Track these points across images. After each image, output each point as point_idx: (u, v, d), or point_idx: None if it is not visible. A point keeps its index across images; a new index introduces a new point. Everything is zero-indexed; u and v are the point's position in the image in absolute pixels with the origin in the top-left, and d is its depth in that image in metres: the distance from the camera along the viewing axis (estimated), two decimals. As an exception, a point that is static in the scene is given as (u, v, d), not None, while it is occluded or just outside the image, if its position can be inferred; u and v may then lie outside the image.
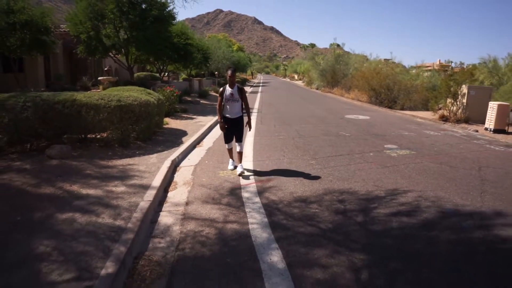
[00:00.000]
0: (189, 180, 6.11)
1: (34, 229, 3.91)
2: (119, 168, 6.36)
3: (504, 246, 3.79)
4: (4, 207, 4.56)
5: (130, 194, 5.03)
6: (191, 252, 3.63)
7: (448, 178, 6.19)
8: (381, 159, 7.47)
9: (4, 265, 3.20)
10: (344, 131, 11.22)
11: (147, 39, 16.28)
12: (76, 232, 3.85)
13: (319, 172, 6.45)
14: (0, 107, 7.24)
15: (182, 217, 4.54)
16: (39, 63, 19.48)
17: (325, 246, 3.69)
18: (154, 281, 3.16)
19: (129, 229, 3.90)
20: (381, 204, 4.86)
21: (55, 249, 3.49)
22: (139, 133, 8.46)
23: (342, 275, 3.17)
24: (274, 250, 3.60)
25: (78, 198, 4.84)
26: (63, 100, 7.50)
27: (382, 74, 22.65)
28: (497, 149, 9.16)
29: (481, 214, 4.61)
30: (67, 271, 3.11)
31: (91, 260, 3.29)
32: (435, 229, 4.15)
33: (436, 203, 4.92)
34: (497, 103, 12.46)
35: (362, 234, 3.99)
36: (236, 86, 6.44)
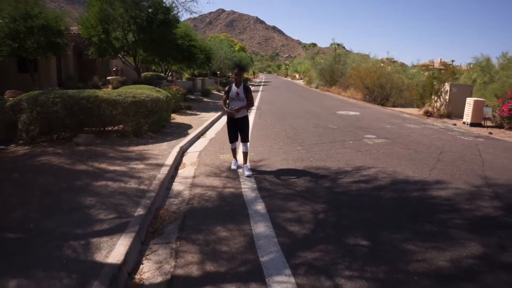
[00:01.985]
0: (195, 161, 7.41)
1: (78, 191, 5.20)
2: (137, 152, 7.66)
3: (432, 201, 5.06)
4: (51, 178, 5.85)
5: (148, 169, 6.32)
6: (198, 205, 4.93)
7: (409, 159, 7.47)
8: (358, 146, 8.74)
9: (62, 211, 4.48)
10: (333, 124, 12.50)
11: (154, 41, 17.57)
12: (111, 193, 5.15)
13: (303, 155, 7.73)
14: (33, 103, 8.56)
15: (190, 185, 5.83)
16: (52, 63, 20.80)
17: (296, 200, 4.99)
18: (172, 222, 4.45)
19: (151, 190, 5.19)
20: (346, 176, 6.16)
21: (98, 202, 4.78)
22: (151, 125, 9.74)
23: (305, 216, 4.46)
24: (259, 203, 4.90)
25: (108, 172, 6.14)
26: (87, 96, 8.81)
27: (375, 73, 23.86)
28: (466, 139, 10.40)
29: (424, 182, 5.89)
30: (110, 214, 4.39)
31: (126, 208, 4.57)
32: (383, 190, 5.44)
33: (391, 175, 6.21)
34: (473, 99, 13.69)
35: (326, 193, 5.30)
36: (242, 86, 6.41)
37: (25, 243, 3.63)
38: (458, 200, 5.05)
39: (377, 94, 22.67)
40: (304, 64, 66.72)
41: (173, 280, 3.15)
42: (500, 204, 4.92)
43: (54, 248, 3.52)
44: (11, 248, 3.53)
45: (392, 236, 3.90)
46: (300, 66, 77.62)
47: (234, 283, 3.06)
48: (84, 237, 3.75)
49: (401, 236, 3.89)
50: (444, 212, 4.61)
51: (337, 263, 3.35)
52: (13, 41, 15.55)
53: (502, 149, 8.91)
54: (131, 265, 3.41)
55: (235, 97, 6.37)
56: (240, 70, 6.39)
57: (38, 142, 8.52)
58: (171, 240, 3.93)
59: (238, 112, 6.37)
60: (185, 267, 3.35)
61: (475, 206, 4.84)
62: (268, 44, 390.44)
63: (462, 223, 4.26)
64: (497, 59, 23.07)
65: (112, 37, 18.05)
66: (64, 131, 9.02)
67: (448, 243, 3.73)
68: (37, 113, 8.45)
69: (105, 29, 17.57)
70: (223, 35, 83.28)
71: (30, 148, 8.02)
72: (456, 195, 5.27)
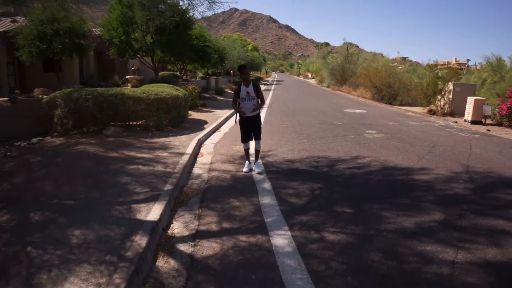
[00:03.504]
0: (212, 151, 8.39)
1: (114, 173, 6.21)
2: (160, 143, 8.67)
3: (412, 182, 5.95)
4: (89, 162, 6.89)
5: (171, 157, 7.32)
6: (215, 184, 5.90)
7: (403, 151, 8.32)
8: (358, 139, 9.62)
9: (104, 187, 5.48)
10: (338, 121, 13.36)
11: (171, 42, 18.64)
12: (143, 174, 6.14)
13: (307, 146, 8.65)
14: (67, 99, 9.64)
15: (208, 169, 6.82)
16: (75, 63, 22.05)
17: (297, 181, 5.94)
18: (194, 196, 5.42)
19: (176, 172, 6.18)
20: (343, 163, 7.08)
21: (132, 181, 5.78)
22: (171, 120, 10.75)
23: (303, 192, 5.40)
24: (266, 183, 5.86)
25: (137, 158, 7.15)
26: (115, 93, 9.86)
27: (384, 72, 24.55)
28: (462, 135, 11.17)
29: (410, 168, 6.76)
30: (143, 188, 5.38)
31: (156, 184, 5.56)
32: (372, 174, 6.35)
33: (382, 163, 7.10)
34: (474, 98, 14.39)
35: (322, 176, 6.24)
36: (251, 84, 6.43)
37: (80, 208, 4.64)
38: (435, 182, 5.92)
39: (385, 93, 23.36)
40: (316, 64, 67.37)
41: (197, 234, 4.11)
42: (471, 186, 5.77)
43: (104, 210, 4.52)
44: (71, 210, 4.54)
45: (372, 207, 4.81)
46: (312, 65, 78.28)
47: (244, 235, 4.01)
48: (126, 203, 4.75)
49: (380, 207, 4.79)
50: (420, 191, 5.50)
51: (324, 223, 4.28)
52: (41, 42, 16.76)
53: (494, 144, 9.67)
54: (164, 223, 4.39)
55: (246, 96, 6.40)
56: (243, 69, 6.35)
57: (71, 134, 9.59)
58: (194, 208, 4.90)
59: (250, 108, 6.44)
60: (206, 225, 4.31)
61: (449, 187, 5.71)
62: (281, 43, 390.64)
63: (433, 199, 5.14)
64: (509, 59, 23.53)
65: (132, 39, 19.16)
66: (94, 125, 10.08)
67: (417, 212, 4.63)
68: (70, 109, 9.52)
69: (125, 31, 18.68)
70: (236, 34, 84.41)
71: (65, 139, 9.08)
72: (435, 178, 6.13)
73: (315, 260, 3.44)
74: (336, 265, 3.36)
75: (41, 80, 20.12)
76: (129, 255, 3.39)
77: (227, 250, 3.68)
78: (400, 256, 3.51)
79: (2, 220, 4.34)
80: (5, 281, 3.06)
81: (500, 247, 3.73)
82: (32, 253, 3.51)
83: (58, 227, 4.05)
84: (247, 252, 3.64)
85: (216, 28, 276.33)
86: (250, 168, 6.60)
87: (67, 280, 3.04)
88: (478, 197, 5.29)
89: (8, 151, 8.12)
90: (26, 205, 4.76)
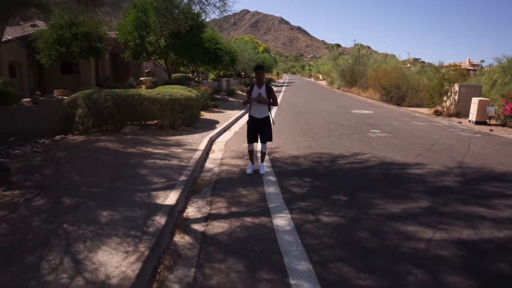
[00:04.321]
0: (223, 148, 8.99)
1: (134, 166, 6.82)
2: (174, 141, 9.29)
3: (406, 176, 6.45)
4: (110, 157, 7.52)
5: (185, 152, 7.92)
6: (225, 176, 6.49)
7: (402, 148, 8.80)
8: (361, 138, 10.12)
9: (126, 177, 6.10)
10: (344, 121, 13.85)
11: (183, 45, 19.34)
12: (160, 167, 6.75)
13: (312, 144, 9.18)
14: (88, 99, 10.32)
15: (219, 164, 7.40)
16: (92, 66, 22.90)
17: (300, 174, 6.50)
18: (206, 186, 6.01)
19: (189, 166, 6.78)
20: (344, 159, 7.60)
21: (150, 172, 6.39)
22: (184, 119, 11.37)
23: (305, 183, 5.97)
24: (271, 175, 6.44)
25: (153, 154, 7.77)
26: (132, 94, 10.52)
27: (393, 74, 24.92)
28: (464, 134, 11.57)
29: (406, 164, 7.26)
30: (161, 179, 5.98)
31: (172, 175, 6.16)
32: (369, 168, 6.87)
33: (381, 159, 7.61)
34: (478, 99, 14.74)
35: (324, 169, 6.79)
36: (264, 86, 6.34)
37: (106, 194, 5.26)
38: (427, 176, 6.42)
39: (393, 94, 23.72)
40: (327, 65, 67.72)
41: (209, 216, 4.70)
42: (460, 179, 6.25)
43: (127, 196, 5.14)
44: (98, 196, 5.16)
45: (366, 195, 5.34)
46: (323, 67, 78.61)
47: (250, 217, 4.58)
48: (146, 191, 5.36)
49: (373, 195, 5.32)
50: (412, 183, 6.00)
51: (321, 208, 4.83)
52: (60, 46, 17.59)
53: (493, 143, 10.07)
54: (180, 207, 4.98)
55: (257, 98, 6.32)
56: (260, 70, 6.22)
57: (91, 133, 10.27)
58: (207, 196, 5.49)
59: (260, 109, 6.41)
60: (216, 209, 4.90)
61: (439, 180, 6.20)
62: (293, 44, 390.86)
63: (422, 189, 5.65)
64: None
65: (146, 42, 19.91)
66: (113, 124, 10.75)
67: (405, 200, 5.15)
68: (91, 108, 10.20)
69: (140, 35, 19.45)
70: (247, 36, 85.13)
71: (86, 137, 9.75)
72: (428, 172, 6.63)
73: (310, 237, 4.00)
74: (327, 241, 3.91)
75: (59, 81, 20.97)
76: (151, 231, 3.99)
77: (234, 228, 4.26)
78: (384, 235, 4.05)
79: (39, 203, 4.97)
80: (48, 249, 3.67)
81: (475, 229, 4.23)
82: (68, 229, 4.12)
83: (88, 209, 4.67)
84: (251, 230, 4.21)
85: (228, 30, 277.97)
86: (254, 170, 6.63)
87: (100, 249, 3.65)
88: (465, 188, 5.78)
89: (34, 147, 8.83)
90: (57, 192, 5.39)
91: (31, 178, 6.24)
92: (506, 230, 4.20)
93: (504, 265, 3.44)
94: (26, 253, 3.57)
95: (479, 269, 3.38)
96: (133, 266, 3.26)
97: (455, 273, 3.28)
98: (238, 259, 3.56)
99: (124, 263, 3.35)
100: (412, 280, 3.16)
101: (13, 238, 3.90)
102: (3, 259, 3.46)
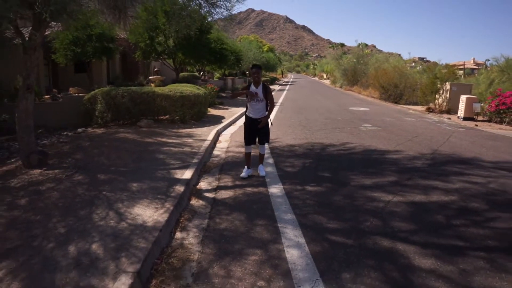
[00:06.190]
0: (228, 139, 10.16)
1: (152, 152, 8.00)
2: (185, 133, 10.46)
3: (383, 159, 7.58)
4: (131, 145, 8.71)
5: (196, 142, 9.09)
6: (231, 161, 7.67)
7: (387, 139, 9.93)
8: (352, 131, 11.25)
9: (147, 160, 7.27)
10: (341, 117, 14.98)
11: (191, 46, 20.53)
12: (174, 153, 7.93)
13: (308, 136, 10.33)
14: (107, 96, 11.51)
15: (225, 151, 8.58)
16: (103, 65, 24.14)
17: (294, 157, 7.67)
18: (215, 167, 7.18)
19: (200, 152, 7.95)
20: (333, 147, 8.76)
21: (167, 157, 7.56)
22: (193, 115, 12.54)
23: (297, 164, 7.14)
24: (270, 159, 7.61)
25: (168, 143, 8.95)
26: (147, 91, 11.71)
27: (391, 73, 25.94)
28: (448, 128, 12.65)
29: (386, 151, 8.40)
30: (177, 161, 7.15)
31: (186, 159, 7.33)
32: (354, 154, 8.02)
33: (365, 147, 8.75)
34: (466, 96, 15.80)
35: (314, 155, 7.95)
36: (261, 85, 6.22)
37: (132, 172, 6.43)
38: (401, 160, 7.57)
39: (391, 93, 24.76)
40: (330, 65, 68.71)
41: (218, 188, 5.87)
42: (429, 163, 7.38)
43: (150, 173, 6.31)
44: (126, 173, 6.34)
45: (345, 173, 6.50)
46: (327, 66, 79.57)
47: (250, 187, 5.76)
48: (165, 170, 6.53)
49: (351, 173, 6.48)
50: (387, 164, 7.16)
51: (307, 181, 6.00)
52: (75, 46, 18.81)
53: (472, 136, 11.15)
54: (194, 182, 6.15)
55: (254, 97, 6.26)
56: (257, 69, 6.14)
57: (109, 126, 11.47)
58: (215, 174, 6.67)
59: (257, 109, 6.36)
60: (224, 183, 6.07)
61: (411, 162, 7.34)
62: (298, 43, 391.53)
63: (394, 169, 6.79)
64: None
65: (156, 43, 21.12)
66: (129, 118, 11.95)
67: (378, 176, 6.30)
68: (109, 104, 11.39)
69: (150, 36, 20.66)
70: (252, 36, 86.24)
71: (105, 129, 10.94)
72: (403, 157, 7.77)
73: (296, 199, 5.17)
74: (309, 202, 5.08)
75: (72, 80, 22.21)
76: (173, 195, 5.16)
77: (238, 195, 5.44)
78: (354, 198, 5.21)
79: (79, 178, 6.15)
80: (95, 207, 4.84)
81: (427, 195, 5.38)
82: (107, 195, 5.30)
83: (120, 182, 5.84)
84: (251, 196, 5.38)
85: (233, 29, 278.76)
86: (248, 174, 6.38)
87: (135, 206, 4.82)
88: (430, 169, 6.91)
89: (59, 138, 10.04)
90: (92, 170, 6.57)
91: (66, 161, 7.43)
92: (451, 196, 5.35)
93: (440, 217, 4.58)
94: (79, 210, 4.74)
95: (420, 219, 4.52)
96: (162, 216, 4.43)
97: (401, 221, 4.42)
98: (240, 213, 4.73)
99: (155, 214, 4.52)
100: (368, 224, 4.32)
101: (66, 201, 5.07)
102: (63, 212, 4.64)
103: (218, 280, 3.23)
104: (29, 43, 6.62)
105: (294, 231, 4.16)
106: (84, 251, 3.60)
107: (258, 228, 4.27)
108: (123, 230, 4.06)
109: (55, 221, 4.32)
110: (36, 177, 6.13)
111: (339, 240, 3.94)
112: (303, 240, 3.92)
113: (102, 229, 4.11)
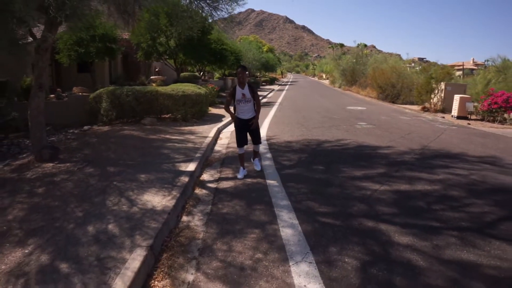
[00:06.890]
0: (229, 136, 10.63)
1: (157, 147, 8.46)
2: (187, 130, 10.93)
3: (375, 154, 8.04)
4: (136, 141, 9.17)
5: (198, 138, 9.56)
6: (231, 155, 8.14)
7: (380, 136, 10.39)
8: (348, 128, 11.73)
9: (153, 155, 7.73)
10: (338, 116, 15.46)
11: (192, 46, 21.00)
12: (178, 148, 8.39)
13: (305, 133, 10.80)
14: (112, 95, 11.98)
15: (226, 147, 9.05)
16: (106, 65, 24.59)
17: (291, 153, 8.14)
18: (216, 161, 7.65)
19: (202, 147, 8.42)
20: (328, 143, 9.24)
21: (172, 152, 8.02)
22: (194, 113, 13.01)
23: (293, 158, 7.61)
24: (268, 153, 8.07)
25: (172, 139, 9.42)
26: (150, 90, 12.18)
27: (389, 73, 26.39)
28: (441, 126, 13.12)
29: (378, 146, 8.87)
30: (180, 156, 7.62)
31: (189, 153, 7.79)
32: (347, 149, 8.49)
33: (359, 143, 9.22)
34: (459, 96, 16.27)
35: (310, 150, 8.43)
36: (247, 86, 6.30)
37: (140, 165, 6.90)
38: (392, 154, 8.04)
39: (388, 93, 25.22)
40: (329, 65, 69.21)
41: (219, 179, 6.33)
42: (417, 157, 7.85)
43: (157, 166, 6.78)
44: (134, 166, 6.80)
45: (338, 166, 6.97)
46: (326, 66, 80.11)
47: (250, 179, 6.23)
48: (170, 163, 7.00)
49: (343, 166, 6.95)
50: (377, 158, 7.63)
51: (302, 173, 6.47)
52: (79, 47, 19.25)
53: (463, 133, 11.61)
54: (197, 174, 6.62)
55: (241, 98, 6.33)
56: (241, 69, 6.24)
57: (114, 124, 11.93)
58: (217, 168, 7.14)
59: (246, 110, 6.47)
60: (225, 175, 6.55)
61: (400, 157, 7.81)
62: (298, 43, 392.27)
63: (384, 163, 7.26)
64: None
65: (157, 43, 21.59)
66: (133, 116, 12.41)
67: (368, 169, 6.77)
68: (114, 102, 11.85)
69: (152, 37, 21.14)
70: (252, 36, 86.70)
71: (110, 127, 11.41)
72: (393, 152, 8.25)
73: (291, 188, 5.65)
74: (303, 190, 5.56)
75: (75, 80, 22.67)
76: (179, 184, 5.63)
77: (238, 185, 5.92)
78: (344, 187, 5.69)
79: (90, 171, 6.61)
80: (108, 194, 5.31)
81: (412, 184, 5.85)
82: (118, 184, 5.76)
83: (129, 174, 6.31)
84: (250, 185, 5.86)
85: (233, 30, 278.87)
86: (244, 175, 6.45)
87: (145, 194, 5.28)
88: (418, 162, 7.39)
89: (66, 135, 10.50)
90: (101, 164, 7.04)
91: (76, 156, 7.90)
92: (434, 185, 5.83)
93: (421, 203, 5.05)
94: (93, 197, 5.21)
95: (403, 204, 5.00)
96: (170, 201, 4.90)
97: (385, 206, 4.90)
98: (240, 200, 5.20)
99: (163, 201, 4.99)
100: (355, 209, 4.80)
101: (80, 190, 5.54)
102: (79, 199, 5.10)
103: (221, 254, 3.70)
104: (43, 44, 7.09)
105: (289, 214, 4.63)
106: (102, 230, 4.06)
107: (257, 212, 4.74)
108: (135, 214, 4.53)
109: (72, 206, 4.79)
110: (49, 170, 6.59)
111: (329, 221, 4.42)
112: (296, 222, 4.40)
113: (116, 213, 4.58)
